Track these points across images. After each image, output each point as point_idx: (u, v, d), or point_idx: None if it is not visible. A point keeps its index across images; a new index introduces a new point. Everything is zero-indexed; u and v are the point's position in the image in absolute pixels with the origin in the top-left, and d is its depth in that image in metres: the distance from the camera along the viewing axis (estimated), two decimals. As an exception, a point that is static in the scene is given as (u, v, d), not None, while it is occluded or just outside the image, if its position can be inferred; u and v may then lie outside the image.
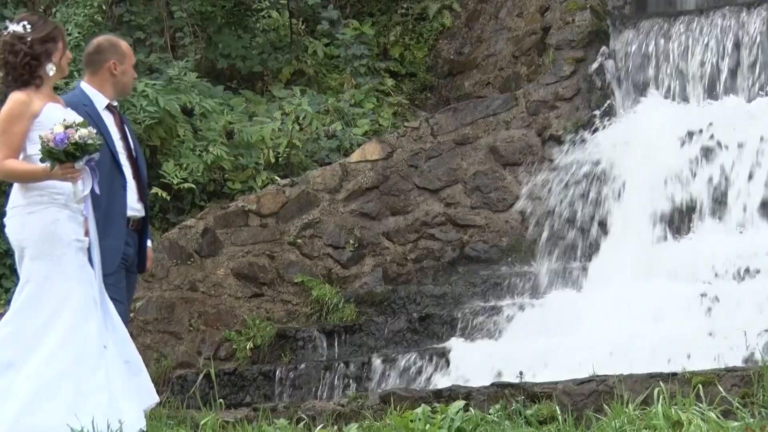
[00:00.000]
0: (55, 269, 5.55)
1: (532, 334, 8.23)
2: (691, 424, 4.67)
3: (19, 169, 5.57)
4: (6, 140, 5.58)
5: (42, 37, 5.70)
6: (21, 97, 5.62)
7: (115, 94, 6.40)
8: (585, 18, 9.75)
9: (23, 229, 5.60)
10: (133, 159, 6.34)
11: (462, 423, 5.13)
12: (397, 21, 11.21)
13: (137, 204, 6.31)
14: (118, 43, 6.50)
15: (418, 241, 9.43)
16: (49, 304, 5.52)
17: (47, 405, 5.37)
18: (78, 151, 5.41)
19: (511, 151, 9.49)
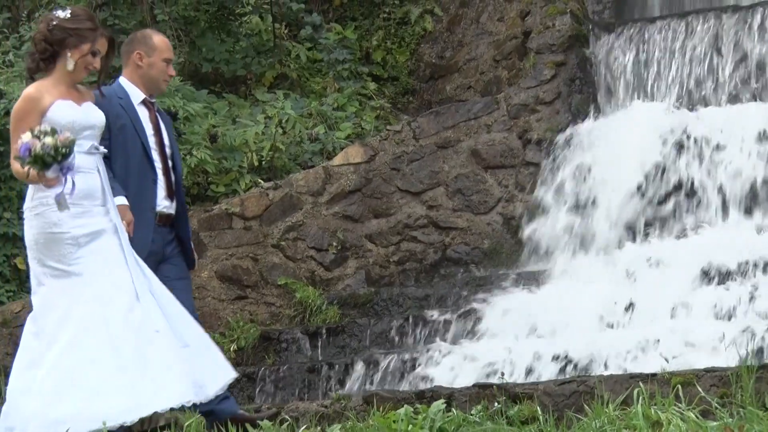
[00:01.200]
0: (60, 268, 5.51)
1: (515, 334, 8.23)
2: (670, 424, 4.68)
3: (17, 171, 5.53)
4: (15, 138, 5.52)
5: (68, 28, 5.60)
6: (31, 93, 5.56)
7: (146, 89, 6.33)
8: (565, 23, 9.77)
9: (30, 231, 5.59)
10: (165, 156, 6.29)
11: (444, 423, 5.14)
12: (380, 25, 11.22)
13: (165, 200, 6.27)
14: (150, 35, 6.43)
15: (401, 243, 9.44)
16: (63, 302, 5.49)
17: (68, 394, 5.35)
18: (37, 163, 5.35)
19: (492, 154, 9.50)
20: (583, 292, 8.18)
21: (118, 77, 6.45)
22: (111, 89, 6.31)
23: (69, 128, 5.51)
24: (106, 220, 5.60)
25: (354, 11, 11.38)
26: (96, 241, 5.56)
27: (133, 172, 6.13)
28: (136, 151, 6.16)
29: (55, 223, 5.51)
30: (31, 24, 11.02)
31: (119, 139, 6.16)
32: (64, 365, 5.41)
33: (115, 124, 6.14)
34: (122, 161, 6.15)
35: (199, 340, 5.73)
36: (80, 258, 5.51)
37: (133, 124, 6.21)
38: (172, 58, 6.42)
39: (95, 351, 5.42)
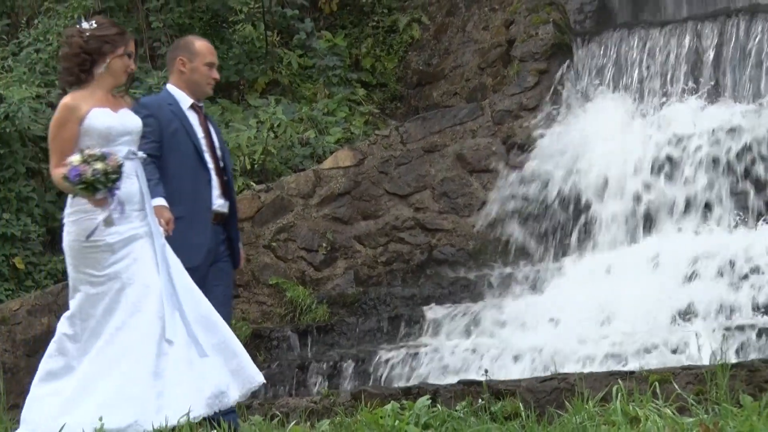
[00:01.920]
0: (96, 275, 5.44)
1: (497, 332, 8.25)
2: (647, 420, 4.69)
3: (59, 181, 5.46)
4: (56, 147, 5.47)
5: (101, 36, 5.54)
6: (68, 102, 5.50)
7: (191, 93, 6.30)
8: (548, 31, 9.79)
9: (66, 237, 5.52)
10: (216, 157, 6.28)
11: (429, 419, 5.14)
12: (369, 33, 11.23)
13: (219, 199, 6.26)
14: (192, 41, 6.40)
15: (388, 244, 9.44)
16: (98, 309, 5.42)
17: (83, 403, 5.30)
18: (88, 189, 5.31)
19: (477, 158, 9.52)
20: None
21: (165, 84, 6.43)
22: (160, 96, 6.34)
23: (106, 135, 5.45)
24: (143, 224, 5.52)
25: (344, 20, 11.38)
26: (130, 245, 5.48)
27: (187, 174, 6.13)
28: (188, 153, 6.15)
29: (89, 230, 5.43)
30: (30, 30, 11.01)
31: (172, 143, 6.15)
32: (88, 373, 5.35)
33: (168, 129, 6.14)
34: (176, 164, 6.14)
35: (225, 345, 5.61)
36: (114, 264, 5.43)
37: (185, 128, 6.19)
38: (214, 62, 6.35)
39: (116, 360, 5.36)
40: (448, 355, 8.11)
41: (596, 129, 9.15)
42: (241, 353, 5.66)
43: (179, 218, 5.96)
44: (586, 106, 9.41)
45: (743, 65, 9.20)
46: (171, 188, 6.05)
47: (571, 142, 9.16)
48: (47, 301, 9.18)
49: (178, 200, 6.02)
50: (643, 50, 9.56)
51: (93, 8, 10.94)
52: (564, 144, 9.17)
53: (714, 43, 9.32)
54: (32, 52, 10.79)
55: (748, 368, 6.06)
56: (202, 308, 5.62)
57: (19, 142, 9.86)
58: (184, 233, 5.97)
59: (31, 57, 10.74)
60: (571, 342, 7.64)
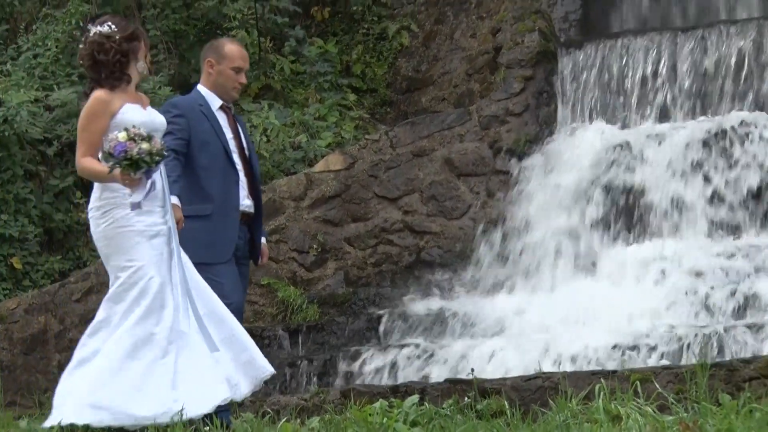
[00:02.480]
0: (131, 260, 5.42)
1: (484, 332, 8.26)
2: (629, 418, 4.70)
3: (91, 168, 5.44)
4: (86, 137, 5.45)
5: (127, 36, 5.58)
6: (102, 95, 5.48)
7: (218, 95, 6.22)
8: (533, 39, 9.80)
9: (97, 229, 5.49)
10: (245, 157, 6.23)
11: (417, 416, 5.14)
12: (359, 40, 11.23)
13: (247, 200, 6.20)
14: (223, 44, 6.32)
15: (378, 246, 9.44)
16: (132, 293, 5.41)
17: (111, 386, 5.27)
18: (132, 165, 5.27)
19: (464, 162, 9.52)
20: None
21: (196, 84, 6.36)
22: (191, 97, 6.26)
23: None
24: (163, 221, 5.52)
25: (335, 27, 11.38)
26: (157, 238, 5.49)
27: (216, 174, 6.06)
28: (218, 154, 6.08)
29: (121, 217, 5.42)
30: (29, 36, 10.99)
31: (202, 143, 6.08)
32: (114, 355, 5.33)
33: (198, 129, 6.07)
34: (206, 164, 6.07)
35: (234, 339, 5.60)
36: (146, 252, 5.43)
37: (214, 129, 6.12)
38: (242, 67, 6.25)
39: (141, 347, 5.34)
40: (436, 353, 8.11)
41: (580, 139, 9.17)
42: (251, 346, 5.68)
43: (208, 216, 5.93)
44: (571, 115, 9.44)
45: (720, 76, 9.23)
46: (200, 187, 6.00)
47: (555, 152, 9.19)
48: (44, 300, 9.16)
49: (208, 199, 5.97)
50: (623, 59, 9.58)
51: (90, 14, 10.92)
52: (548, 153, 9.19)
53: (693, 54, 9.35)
54: (30, 57, 10.77)
55: (727, 368, 6.08)
56: (211, 303, 5.61)
57: (17, 145, 9.84)
58: (214, 231, 5.94)
59: (30, 62, 10.72)
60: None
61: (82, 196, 9.92)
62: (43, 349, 9.04)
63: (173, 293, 5.47)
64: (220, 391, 5.44)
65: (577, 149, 9.10)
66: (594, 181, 8.91)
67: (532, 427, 4.82)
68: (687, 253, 8.23)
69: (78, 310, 9.07)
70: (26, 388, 8.84)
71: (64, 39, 10.69)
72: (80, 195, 9.92)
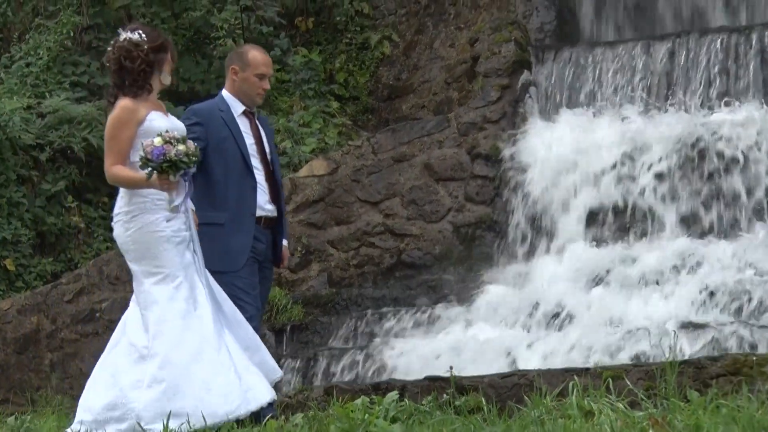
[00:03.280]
0: (159, 266, 5.36)
1: (462, 331, 8.27)
2: (601, 414, 4.71)
3: (124, 176, 5.36)
4: (114, 146, 5.38)
5: (155, 47, 5.52)
6: (128, 104, 5.42)
7: (241, 101, 6.10)
8: (510, 49, 9.83)
9: (125, 234, 5.42)
10: (267, 162, 6.08)
11: (397, 412, 5.13)
12: (342, 50, 11.23)
13: (268, 205, 6.04)
14: (247, 51, 6.19)
15: (360, 248, 9.44)
16: (162, 296, 5.33)
17: (184, 389, 5.20)
18: (172, 168, 5.21)
19: (443, 167, 9.53)
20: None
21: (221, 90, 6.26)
22: (213, 102, 6.15)
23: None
24: (185, 227, 5.47)
25: (319, 36, 11.38)
26: (182, 245, 5.43)
27: (233, 180, 5.92)
28: (236, 160, 5.94)
29: (152, 222, 5.36)
30: (21, 45, 10.95)
31: (220, 150, 5.93)
32: (176, 360, 5.24)
33: (217, 136, 5.93)
34: (222, 171, 5.91)
35: (250, 341, 5.56)
36: (174, 257, 5.37)
37: (234, 135, 5.99)
38: (266, 74, 6.13)
39: (197, 348, 5.27)
40: (415, 351, 8.11)
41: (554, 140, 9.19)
42: (262, 348, 5.64)
43: (222, 224, 5.81)
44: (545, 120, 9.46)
45: (690, 80, 9.27)
46: (215, 194, 5.87)
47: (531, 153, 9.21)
48: (36, 301, 9.12)
49: (222, 206, 5.84)
50: (597, 66, 9.61)
51: (81, 25, 10.90)
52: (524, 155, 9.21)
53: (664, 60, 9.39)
54: (23, 65, 10.74)
55: (695, 365, 6.09)
56: (228, 306, 5.57)
57: (10, 151, 9.80)
58: (228, 239, 5.81)
59: (23, 70, 10.69)
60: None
61: (73, 200, 9.89)
62: (35, 348, 9.00)
63: (204, 295, 5.40)
64: (269, 389, 5.41)
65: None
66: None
67: (507, 423, 4.82)
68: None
69: (69, 310, 9.03)
70: (19, 387, 8.80)
71: (55, 48, 10.66)
72: (71, 199, 9.89)
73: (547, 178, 9.03)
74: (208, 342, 5.31)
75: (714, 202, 8.61)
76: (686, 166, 8.71)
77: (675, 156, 8.76)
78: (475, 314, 8.40)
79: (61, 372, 8.87)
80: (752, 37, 9.17)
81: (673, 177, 8.72)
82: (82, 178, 9.96)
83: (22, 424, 5.97)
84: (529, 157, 9.21)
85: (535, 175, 9.08)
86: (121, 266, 9.03)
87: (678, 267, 8.14)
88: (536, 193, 9.05)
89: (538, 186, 9.05)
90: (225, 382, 5.25)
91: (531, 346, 7.73)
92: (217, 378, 5.25)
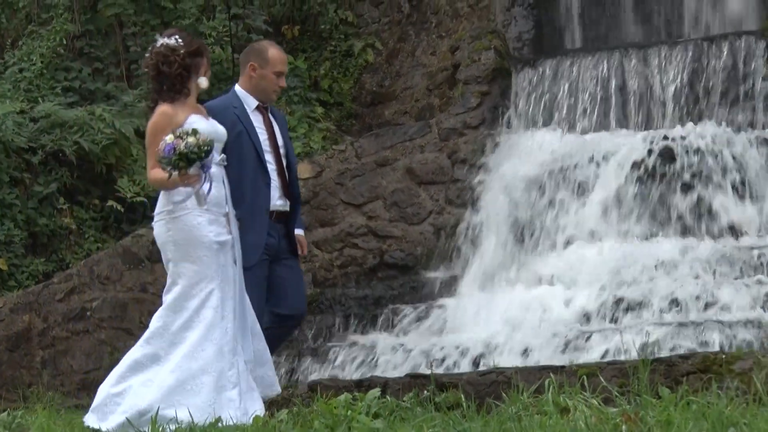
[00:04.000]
0: (196, 270, 5.30)
1: (440, 330, 8.28)
2: (576, 410, 4.72)
3: (158, 178, 5.32)
4: (153, 151, 5.33)
5: (192, 52, 5.48)
6: (166, 110, 5.38)
7: (256, 97, 5.99)
8: (489, 57, 9.85)
9: (167, 234, 5.36)
10: (279, 157, 5.98)
11: (379, 409, 5.13)
12: (327, 57, 11.23)
13: (280, 200, 5.96)
14: (266, 48, 6.09)
15: (344, 249, 9.44)
16: (192, 303, 5.29)
17: (189, 399, 5.15)
18: (183, 160, 5.15)
19: (425, 171, 9.54)
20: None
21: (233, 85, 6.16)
22: (227, 98, 6.04)
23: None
24: (226, 231, 5.41)
25: (304, 44, 11.38)
26: (223, 250, 5.38)
27: (247, 177, 5.81)
28: (250, 157, 5.84)
29: (195, 226, 5.31)
30: (15, 51, 10.91)
31: (234, 146, 5.79)
32: (186, 368, 5.20)
33: (232, 133, 5.79)
34: (237, 168, 5.77)
35: (261, 353, 5.53)
36: (211, 264, 5.31)
37: (248, 132, 5.89)
38: (284, 72, 6.06)
39: (212, 362, 5.23)
40: (396, 349, 8.11)
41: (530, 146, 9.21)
42: (268, 363, 5.59)
43: (238, 220, 5.68)
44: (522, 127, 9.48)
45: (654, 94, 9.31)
46: (231, 190, 5.69)
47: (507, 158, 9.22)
48: (28, 300, 9.08)
49: (237, 202, 5.68)
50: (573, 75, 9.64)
51: (73, 32, 10.86)
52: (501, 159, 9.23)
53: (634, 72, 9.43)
54: (17, 71, 10.70)
55: (667, 363, 6.11)
56: (251, 316, 5.52)
57: (3, 153, 9.76)
58: (241, 235, 5.66)
59: (16, 75, 10.65)
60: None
61: (65, 202, 9.86)
62: (27, 346, 8.96)
63: (232, 308, 5.35)
64: (262, 408, 5.38)
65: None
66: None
67: (486, 419, 4.82)
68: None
69: (60, 309, 9.00)
70: (11, 383, 8.76)
71: (48, 54, 10.62)
72: (63, 201, 9.86)
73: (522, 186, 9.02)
74: (223, 356, 5.26)
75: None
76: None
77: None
78: (454, 313, 8.41)
79: (52, 369, 8.84)
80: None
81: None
82: (73, 180, 9.92)
83: (14, 420, 5.94)
84: (506, 163, 9.22)
85: (511, 182, 9.09)
86: (111, 266, 9.00)
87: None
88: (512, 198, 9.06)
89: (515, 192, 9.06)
90: (229, 399, 5.21)
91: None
92: (224, 394, 5.20)
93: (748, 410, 4.46)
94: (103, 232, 9.94)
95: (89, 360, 8.83)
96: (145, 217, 9.80)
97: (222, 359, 5.26)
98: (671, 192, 8.49)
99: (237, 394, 5.26)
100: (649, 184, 8.55)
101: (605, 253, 8.28)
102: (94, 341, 8.90)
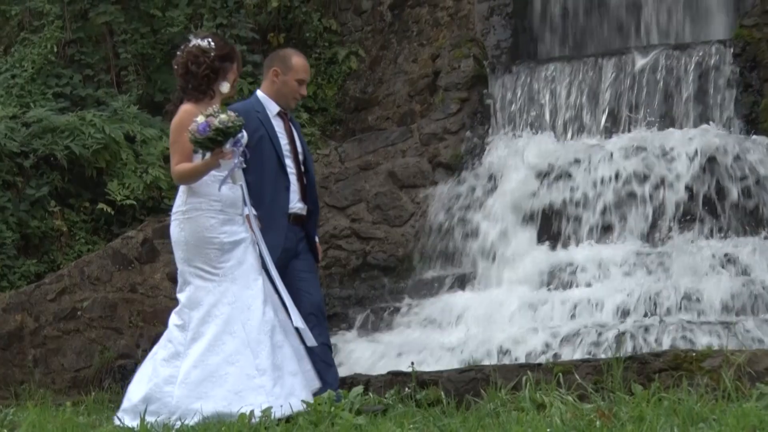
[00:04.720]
0: (208, 270, 5.28)
1: (421, 328, 8.28)
2: (552, 406, 4.73)
3: (187, 168, 5.29)
4: (177, 148, 5.32)
5: (222, 55, 5.46)
6: (190, 108, 5.35)
7: (277, 103, 5.94)
8: (469, 65, 9.87)
9: (180, 233, 5.34)
10: (298, 162, 5.94)
11: (361, 405, 5.14)
12: (311, 64, 11.14)
13: (299, 203, 5.90)
14: (290, 55, 6.05)
15: (328, 251, 9.44)
16: (208, 300, 5.25)
17: (213, 391, 5.11)
18: (220, 134, 5.11)
19: (406, 175, 9.55)
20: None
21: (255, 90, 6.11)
22: (249, 103, 5.98)
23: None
24: (244, 229, 5.38)
25: (290, 51, 11.36)
26: (238, 248, 5.34)
27: (268, 180, 5.76)
28: (271, 161, 5.80)
29: (207, 228, 5.28)
30: (7, 57, 10.86)
31: (256, 149, 5.73)
32: (208, 362, 5.16)
33: (254, 137, 5.73)
34: (258, 171, 5.74)
35: (295, 350, 5.48)
36: (224, 263, 5.28)
37: (270, 136, 5.84)
38: (306, 80, 6.01)
39: (234, 353, 5.18)
40: (379, 347, 8.11)
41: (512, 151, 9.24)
42: (305, 357, 5.54)
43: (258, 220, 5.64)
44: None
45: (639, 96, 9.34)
46: (250, 192, 5.65)
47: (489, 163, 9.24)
48: (20, 299, 9.04)
49: (257, 204, 5.65)
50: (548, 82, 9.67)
51: (65, 39, 10.82)
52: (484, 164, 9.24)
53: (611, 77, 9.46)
54: (9, 77, 10.64)
55: (640, 361, 6.13)
56: (282, 314, 5.49)
57: (-4, 157, 9.72)
58: (261, 235, 5.62)
59: (8, 81, 10.59)
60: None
61: (56, 205, 9.82)
62: (19, 345, 8.92)
63: (261, 299, 5.30)
64: (308, 396, 5.30)
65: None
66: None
67: (465, 415, 4.83)
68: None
69: (52, 309, 8.96)
70: (3, 381, 8.72)
71: (40, 61, 10.58)
72: (54, 204, 9.82)
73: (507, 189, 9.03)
74: (248, 347, 5.20)
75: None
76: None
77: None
78: (438, 314, 8.42)
79: (43, 367, 8.80)
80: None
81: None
82: (64, 184, 9.88)
83: (6, 417, 5.92)
84: (485, 167, 9.23)
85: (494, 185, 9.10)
86: (101, 267, 8.98)
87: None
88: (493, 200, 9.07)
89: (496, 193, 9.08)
90: (258, 386, 5.15)
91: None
92: (251, 381, 5.15)
93: (717, 406, 4.49)
94: (93, 234, 9.91)
95: (80, 358, 8.80)
96: (134, 220, 9.78)
97: (246, 350, 5.20)
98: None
99: (269, 380, 5.18)
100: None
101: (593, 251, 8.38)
102: (85, 340, 8.87)
